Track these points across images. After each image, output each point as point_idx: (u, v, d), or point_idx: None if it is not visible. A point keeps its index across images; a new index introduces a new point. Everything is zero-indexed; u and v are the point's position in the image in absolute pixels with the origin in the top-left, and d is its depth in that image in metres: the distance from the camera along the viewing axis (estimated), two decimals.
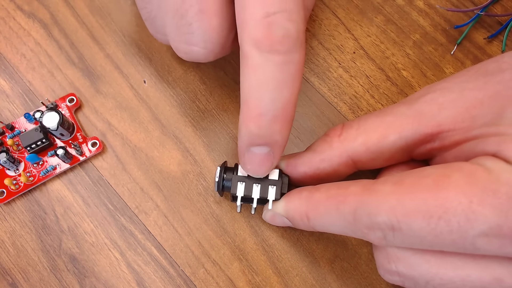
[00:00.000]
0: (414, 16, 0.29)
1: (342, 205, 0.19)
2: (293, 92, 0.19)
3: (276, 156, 0.21)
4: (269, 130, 0.19)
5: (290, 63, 0.18)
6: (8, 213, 0.26)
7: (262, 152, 0.20)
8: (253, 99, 0.19)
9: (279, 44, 0.17)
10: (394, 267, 0.19)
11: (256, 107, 0.19)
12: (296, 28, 0.17)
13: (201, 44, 0.21)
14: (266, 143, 0.20)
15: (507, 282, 0.17)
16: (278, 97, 0.18)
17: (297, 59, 0.18)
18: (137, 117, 0.27)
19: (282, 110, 0.19)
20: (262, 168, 0.21)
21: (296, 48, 0.18)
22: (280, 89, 0.18)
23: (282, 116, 0.19)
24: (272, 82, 0.18)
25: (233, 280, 0.24)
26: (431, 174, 0.17)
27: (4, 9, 0.29)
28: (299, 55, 0.18)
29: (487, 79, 0.19)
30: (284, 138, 0.20)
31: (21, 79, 0.28)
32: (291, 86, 0.18)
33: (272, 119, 0.19)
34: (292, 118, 0.20)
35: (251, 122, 0.19)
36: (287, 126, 0.19)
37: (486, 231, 0.16)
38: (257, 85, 0.18)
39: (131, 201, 0.26)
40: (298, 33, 0.18)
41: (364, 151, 0.21)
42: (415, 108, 0.20)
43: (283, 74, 0.18)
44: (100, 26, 0.29)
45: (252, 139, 0.20)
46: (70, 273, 0.25)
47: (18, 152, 0.26)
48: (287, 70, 0.18)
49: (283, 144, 0.20)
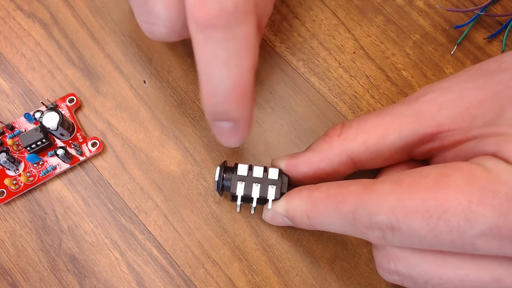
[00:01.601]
0: (414, 16, 0.29)
1: (341, 204, 0.19)
2: (243, 69, 0.18)
3: (243, 129, 0.20)
4: (223, 107, 0.19)
5: (233, 38, 0.17)
6: (8, 213, 0.26)
7: (226, 126, 0.20)
8: (203, 78, 0.18)
9: (215, 19, 0.16)
10: (393, 266, 0.19)
11: (206, 86, 0.18)
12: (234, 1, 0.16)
13: (161, 22, 0.20)
14: (226, 118, 0.19)
15: (507, 282, 0.17)
16: (225, 75, 0.18)
17: (241, 33, 0.17)
18: (137, 117, 0.27)
19: (233, 88, 0.18)
20: (230, 141, 0.21)
21: (237, 21, 0.17)
22: (226, 67, 0.17)
23: (234, 93, 0.18)
24: (216, 60, 0.17)
25: (233, 280, 0.24)
26: (430, 173, 0.17)
27: (4, 9, 0.29)
28: (243, 28, 0.17)
29: (487, 79, 0.19)
30: (243, 114, 0.19)
31: (21, 79, 0.28)
32: (238, 63, 0.17)
33: (223, 97, 0.18)
34: (249, 94, 0.19)
35: (205, 100, 0.19)
36: (243, 103, 0.19)
37: (485, 231, 0.16)
38: (204, 64, 0.18)
39: (131, 201, 0.26)
40: (236, 4, 0.16)
41: (363, 151, 0.21)
42: (414, 108, 0.20)
43: (226, 51, 0.17)
44: (100, 26, 0.29)
45: (211, 115, 0.19)
46: (70, 273, 0.25)
47: (18, 152, 0.26)
48: (230, 47, 0.17)
49: (246, 119, 0.20)
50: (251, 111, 0.20)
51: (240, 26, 0.17)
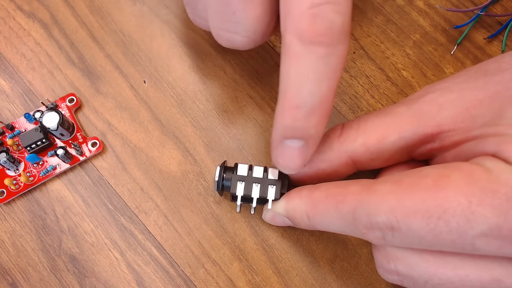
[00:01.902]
0: (414, 16, 0.29)
1: (341, 204, 0.19)
2: (332, 86, 0.18)
3: (309, 151, 0.20)
4: (305, 123, 0.19)
5: (333, 55, 0.17)
6: (8, 213, 0.26)
7: (295, 146, 0.20)
8: (291, 90, 0.18)
9: (322, 36, 0.17)
10: (393, 266, 0.19)
11: (293, 99, 0.18)
12: (342, 20, 0.17)
13: (243, 33, 0.20)
14: (300, 136, 0.19)
15: (506, 282, 0.17)
16: (317, 90, 0.18)
17: (340, 52, 0.18)
18: (137, 117, 0.27)
19: (320, 103, 0.18)
20: (294, 163, 0.20)
21: (340, 40, 0.17)
22: (320, 82, 0.18)
23: (320, 109, 0.18)
24: (313, 74, 0.18)
25: (233, 280, 0.24)
26: (430, 174, 0.17)
27: (4, 9, 0.29)
28: (343, 47, 0.18)
29: (487, 79, 0.19)
30: (319, 133, 0.19)
31: (21, 79, 0.28)
32: (331, 79, 0.18)
33: (309, 112, 0.18)
34: (329, 113, 0.19)
35: (288, 113, 0.19)
36: (323, 121, 0.19)
37: (485, 231, 0.16)
38: (297, 77, 0.18)
39: (131, 201, 0.26)
40: (343, 25, 0.17)
41: (364, 152, 0.21)
42: (414, 108, 0.20)
43: (324, 67, 0.17)
44: (100, 26, 0.29)
45: (287, 131, 0.19)
46: (70, 273, 0.25)
47: (18, 152, 0.26)
48: (329, 63, 0.17)
49: (318, 139, 0.20)
50: (324, 131, 0.20)
51: (341, 45, 0.17)
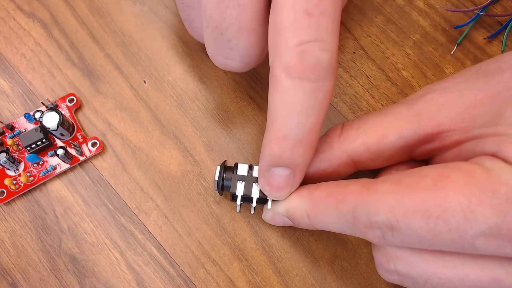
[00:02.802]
0: (414, 16, 0.29)
1: (341, 204, 0.19)
2: (319, 118, 0.19)
3: (296, 180, 0.21)
4: (292, 153, 0.19)
5: (320, 90, 0.18)
6: (8, 213, 0.26)
7: (282, 174, 0.20)
8: (279, 122, 0.19)
9: (310, 72, 0.18)
10: (393, 266, 0.19)
11: (281, 130, 0.19)
12: (329, 58, 0.18)
13: (238, 59, 0.21)
14: (287, 165, 0.20)
15: (506, 282, 0.17)
16: (304, 123, 0.19)
17: (327, 87, 0.18)
18: (137, 117, 0.27)
19: (307, 135, 0.19)
20: (281, 191, 0.21)
21: (327, 76, 0.18)
22: (307, 115, 0.18)
23: (306, 141, 0.19)
24: (300, 107, 0.18)
25: (233, 280, 0.24)
26: (430, 173, 0.17)
27: (4, 9, 0.29)
28: (329, 83, 0.18)
29: (487, 79, 0.19)
30: (305, 162, 0.20)
31: (21, 79, 0.28)
32: (318, 112, 0.19)
33: (295, 143, 0.19)
34: (315, 144, 0.20)
35: (275, 143, 0.19)
36: (310, 151, 0.20)
37: (485, 231, 0.16)
38: (285, 109, 0.19)
39: (131, 201, 0.26)
40: (330, 62, 0.18)
41: (364, 151, 0.21)
42: (414, 108, 0.20)
43: (311, 101, 0.18)
44: (100, 26, 0.29)
45: (274, 160, 0.20)
46: (70, 273, 0.25)
47: (18, 152, 0.26)
48: (316, 97, 0.18)
49: (304, 168, 0.20)
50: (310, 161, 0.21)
51: (328, 81, 0.18)
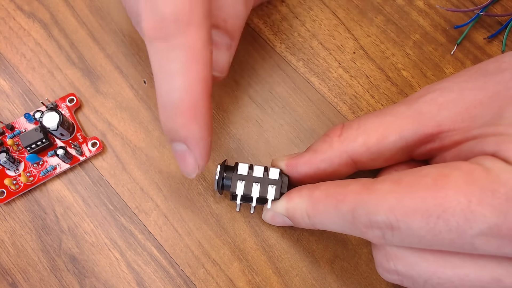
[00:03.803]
0: (414, 16, 0.29)
1: (341, 203, 0.19)
2: (189, 82, 0.17)
3: (197, 153, 0.19)
4: (172, 124, 0.18)
5: (174, 49, 0.16)
6: (8, 213, 0.26)
7: (180, 149, 0.19)
8: (156, 91, 0.18)
9: (157, 30, 0.16)
10: (392, 265, 0.19)
11: (158, 98, 0.18)
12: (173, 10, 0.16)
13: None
14: (177, 138, 0.19)
15: (506, 282, 0.17)
16: (171, 88, 0.17)
17: (182, 44, 0.16)
18: (137, 117, 0.27)
19: (180, 101, 0.17)
20: (183, 167, 0.20)
21: (178, 31, 0.16)
22: (170, 79, 0.17)
23: (182, 108, 0.17)
24: (162, 71, 0.17)
25: (233, 280, 0.24)
26: (430, 173, 0.17)
27: (4, 9, 0.29)
28: (184, 39, 0.16)
29: (487, 79, 0.19)
30: (194, 134, 0.18)
31: (21, 79, 0.28)
32: (184, 74, 0.17)
33: (171, 112, 0.18)
34: (200, 110, 0.18)
35: (160, 115, 0.18)
36: (193, 120, 0.18)
37: (485, 231, 0.16)
38: (154, 76, 0.17)
39: (131, 201, 0.26)
40: (176, 15, 0.16)
41: (364, 151, 0.21)
42: (414, 108, 0.20)
43: (169, 63, 0.17)
44: (100, 26, 0.29)
45: (166, 133, 0.19)
46: (70, 273, 0.25)
47: (18, 152, 0.26)
48: (173, 57, 0.16)
49: (198, 141, 0.19)
50: (203, 132, 0.18)
51: (183, 36, 0.16)
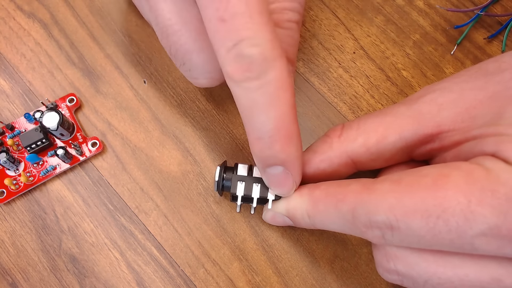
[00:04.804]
0: (414, 16, 0.29)
1: (341, 203, 0.19)
2: (283, 110, 0.18)
3: (294, 173, 0.20)
4: (271, 151, 0.19)
5: (266, 84, 0.18)
6: (8, 213, 0.26)
7: (275, 172, 0.20)
8: (247, 126, 0.19)
9: (248, 72, 0.17)
10: (392, 265, 0.19)
11: (252, 133, 0.19)
12: (260, 50, 0.17)
13: (201, 76, 0.22)
14: (274, 163, 0.20)
15: (506, 282, 0.17)
16: (267, 119, 0.18)
17: (273, 78, 0.18)
18: (137, 117, 0.27)
19: (277, 130, 0.19)
20: (283, 188, 0.21)
21: (267, 68, 0.17)
22: (265, 112, 0.18)
23: (279, 135, 0.19)
24: (256, 107, 0.18)
25: (233, 280, 0.24)
26: (430, 173, 0.17)
27: (4, 9, 0.29)
28: (274, 73, 0.18)
29: (487, 79, 0.19)
30: (291, 155, 0.20)
31: (21, 79, 0.28)
32: (277, 104, 0.18)
33: (269, 141, 0.19)
34: (294, 133, 0.19)
35: (253, 146, 0.19)
36: (290, 143, 0.19)
37: (484, 231, 0.16)
38: (246, 113, 0.19)
39: (131, 201, 0.26)
40: (263, 54, 0.17)
41: (364, 152, 0.21)
42: (414, 109, 0.20)
43: (263, 97, 0.18)
44: (100, 26, 0.29)
45: (262, 162, 0.20)
46: (70, 273, 0.25)
47: (18, 152, 0.26)
48: (266, 92, 0.18)
49: (295, 161, 0.20)
50: (298, 151, 0.20)
51: (271, 72, 0.18)
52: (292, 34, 0.24)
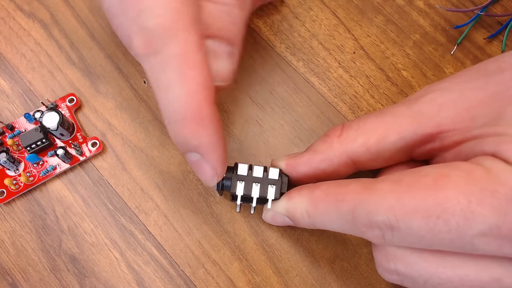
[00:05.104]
0: (414, 16, 0.29)
1: (341, 203, 0.19)
2: (189, 89, 0.17)
3: (212, 160, 0.19)
4: (181, 136, 0.18)
5: (168, 59, 0.16)
6: (8, 213, 0.26)
7: (194, 159, 0.19)
8: (159, 107, 0.18)
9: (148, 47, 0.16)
10: (392, 266, 0.19)
11: (163, 115, 0.18)
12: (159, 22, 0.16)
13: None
14: (189, 149, 0.19)
15: (506, 282, 0.17)
16: (171, 99, 0.17)
17: (175, 52, 0.16)
18: (137, 117, 0.27)
19: (183, 113, 0.17)
20: (202, 176, 0.20)
21: (167, 41, 0.16)
22: (169, 90, 0.17)
23: (187, 119, 0.17)
24: (160, 85, 0.17)
25: (233, 280, 0.24)
26: (430, 173, 0.17)
27: (4, 9, 0.29)
28: (176, 46, 0.16)
29: (487, 79, 0.19)
30: (204, 141, 0.18)
31: (21, 79, 0.28)
32: (181, 82, 0.17)
33: (177, 124, 0.17)
34: (205, 117, 0.17)
35: (168, 131, 0.18)
36: (201, 129, 0.17)
37: (484, 231, 0.16)
38: (154, 92, 0.17)
39: (131, 201, 0.26)
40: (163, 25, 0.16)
41: (364, 152, 0.21)
42: (414, 109, 0.20)
43: (165, 74, 0.16)
44: (100, 26, 0.29)
45: (177, 146, 0.19)
46: (70, 273, 0.25)
47: (18, 152, 0.26)
48: (167, 68, 0.16)
49: (210, 148, 0.18)
50: (213, 137, 0.18)
51: (172, 45, 0.16)
52: (230, 11, 0.21)
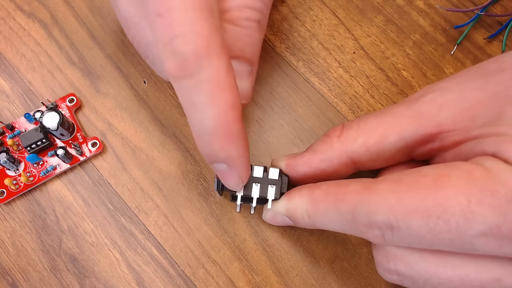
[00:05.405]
0: (414, 16, 0.29)
1: (341, 203, 0.19)
2: (220, 110, 0.18)
3: (238, 170, 0.20)
4: (211, 149, 0.19)
5: (201, 83, 0.17)
6: (8, 213, 0.26)
7: (221, 168, 0.20)
8: (189, 122, 0.19)
9: (182, 70, 0.17)
10: (392, 266, 0.19)
11: (192, 130, 0.19)
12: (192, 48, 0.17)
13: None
14: (217, 160, 0.20)
15: (506, 282, 0.17)
16: (203, 118, 0.18)
17: (208, 77, 0.17)
18: (137, 117, 0.27)
19: (215, 129, 0.18)
20: (228, 184, 0.21)
21: (200, 67, 0.17)
22: (202, 110, 0.18)
23: (218, 135, 0.18)
24: (192, 105, 0.18)
25: (233, 280, 0.24)
26: (430, 173, 0.17)
27: (4, 9, 0.29)
28: (209, 71, 0.17)
29: (487, 79, 0.19)
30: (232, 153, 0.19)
31: (21, 79, 0.28)
32: (213, 104, 0.18)
33: (208, 139, 0.19)
34: (234, 133, 0.19)
35: (197, 143, 0.19)
36: (230, 143, 0.19)
37: (484, 231, 0.16)
38: (185, 109, 0.18)
39: (131, 201, 0.26)
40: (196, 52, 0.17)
41: (364, 152, 0.21)
42: (414, 109, 0.20)
43: (198, 96, 0.18)
44: (100, 26, 0.29)
45: (205, 157, 0.20)
46: (70, 273, 0.25)
47: (18, 152, 0.26)
48: (201, 91, 0.17)
49: (237, 159, 0.20)
50: (241, 150, 0.19)
51: (205, 70, 0.17)
52: (251, 33, 0.23)
